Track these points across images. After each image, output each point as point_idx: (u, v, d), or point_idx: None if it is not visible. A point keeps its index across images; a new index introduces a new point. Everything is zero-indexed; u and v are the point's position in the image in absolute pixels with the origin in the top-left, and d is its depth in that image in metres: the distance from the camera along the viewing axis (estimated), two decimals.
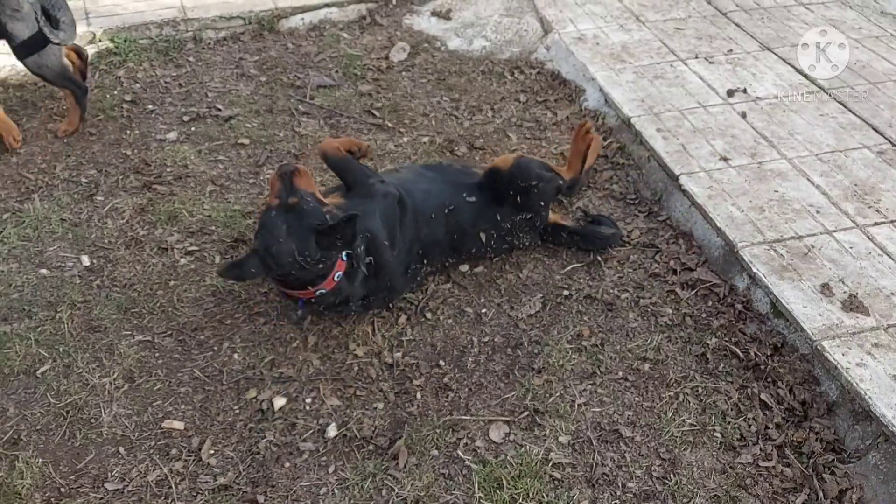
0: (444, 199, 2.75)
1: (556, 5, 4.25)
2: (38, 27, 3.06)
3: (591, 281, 2.83)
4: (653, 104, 3.50)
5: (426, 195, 2.74)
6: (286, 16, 4.16)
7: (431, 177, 2.85)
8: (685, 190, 3.04)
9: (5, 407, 2.39)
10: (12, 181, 3.19)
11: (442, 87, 3.85)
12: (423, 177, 2.84)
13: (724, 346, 2.59)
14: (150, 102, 3.64)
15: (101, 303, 2.71)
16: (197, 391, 2.47)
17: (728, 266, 2.81)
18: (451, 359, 2.58)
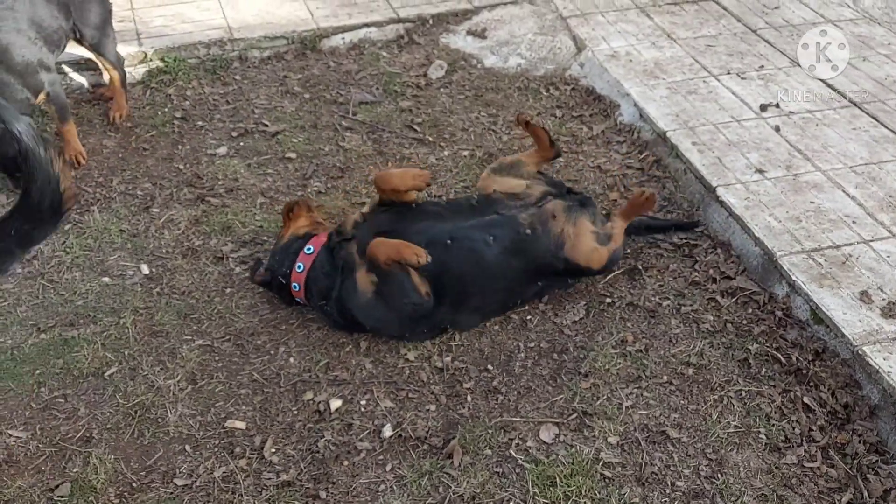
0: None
1: (588, 24, 4.36)
2: None
3: (632, 289, 2.92)
4: (687, 118, 3.59)
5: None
6: (328, 35, 4.30)
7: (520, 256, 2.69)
8: (722, 201, 3.12)
9: (76, 407, 2.50)
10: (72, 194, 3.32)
11: (479, 103, 3.97)
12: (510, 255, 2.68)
13: (765, 351, 2.66)
14: (200, 119, 3.78)
15: (161, 309, 2.83)
16: (256, 393, 2.57)
17: (767, 275, 2.89)
18: (499, 363, 2.66)
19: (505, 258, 2.67)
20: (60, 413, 2.48)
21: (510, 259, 2.68)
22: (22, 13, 3.22)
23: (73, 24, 3.45)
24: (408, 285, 2.56)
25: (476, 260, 2.65)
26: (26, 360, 2.64)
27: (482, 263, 2.65)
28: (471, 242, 2.65)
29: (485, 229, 2.67)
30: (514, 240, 2.68)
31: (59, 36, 3.38)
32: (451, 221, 2.70)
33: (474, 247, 2.65)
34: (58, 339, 2.71)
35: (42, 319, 2.77)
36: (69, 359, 2.64)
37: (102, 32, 3.57)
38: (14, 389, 2.55)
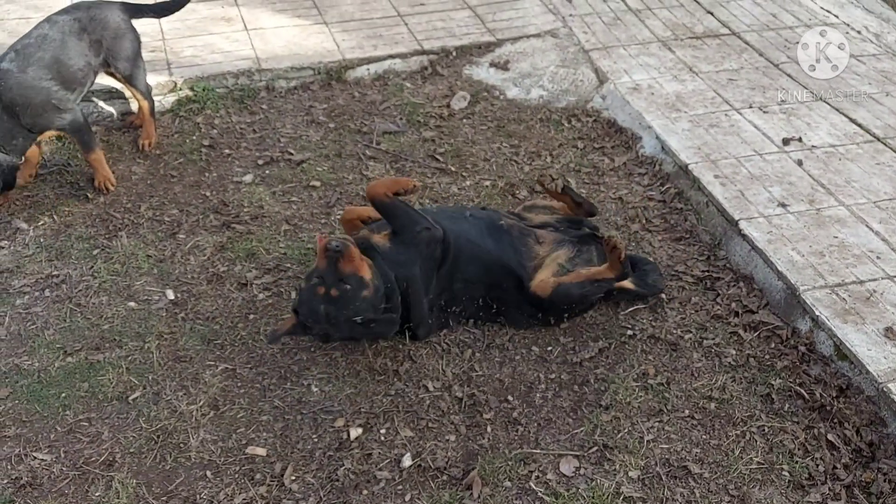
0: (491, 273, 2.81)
1: (610, 57, 4.41)
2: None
3: (654, 321, 2.91)
4: (709, 151, 3.60)
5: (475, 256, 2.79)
6: (353, 67, 4.37)
7: (493, 240, 2.84)
8: (745, 234, 3.12)
9: (100, 431, 2.53)
10: (101, 220, 3.39)
11: (501, 134, 4.01)
12: (485, 235, 2.84)
13: (788, 386, 2.64)
14: (227, 147, 3.85)
15: (186, 334, 2.87)
16: (277, 420, 2.58)
17: (790, 309, 2.87)
18: (520, 394, 2.66)
19: (479, 234, 2.82)
20: (84, 436, 2.51)
21: (484, 238, 2.82)
22: (48, 51, 3.30)
23: (103, 58, 3.54)
24: (414, 214, 2.73)
25: (458, 225, 2.81)
26: (52, 383, 2.68)
27: (463, 231, 2.81)
28: (455, 212, 2.93)
29: (468, 210, 2.95)
30: (489, 223, 2.86)
31: (84, 73, 3.44)
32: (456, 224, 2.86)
33: (456, 215, 2.89)
34: (84, 362, 2.74)
35: (69, 343, 2.82)
36: (94, 382, 2.68)
37: (134, 64, 3.66)
38: (40, 412, 2.58)
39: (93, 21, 3.48)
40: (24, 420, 2.55)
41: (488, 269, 2.81)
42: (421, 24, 4.70)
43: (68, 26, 3.41)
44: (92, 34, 3.47)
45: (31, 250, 3.20)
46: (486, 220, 2.89)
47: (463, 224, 2.86)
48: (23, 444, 2.48)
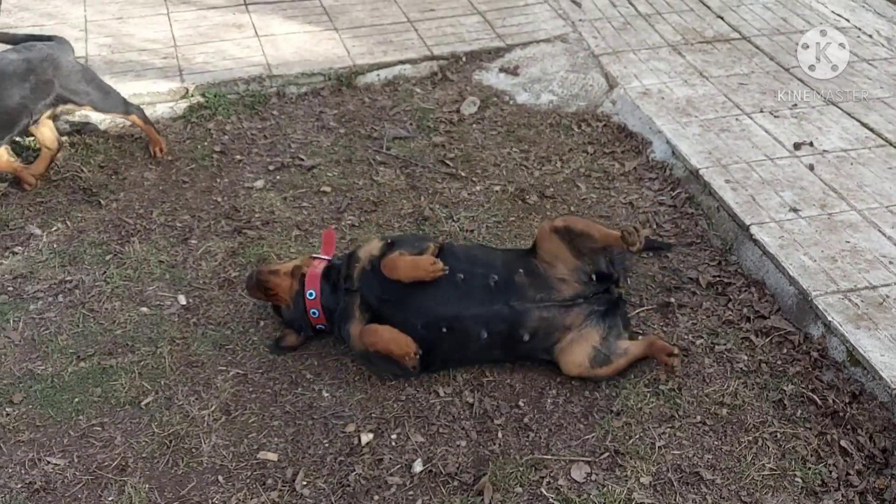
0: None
1: (620, 62, 4.40)
2: None
3: (665, 327, 2.90)
4: (720, 156, 3.59)
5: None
6: (363, 72, 4.39)
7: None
8: (756, 239, 3.11)
9: (113, 435, 2.54)
10: (113, 225, 3.41)
11: (511, 139, 4.01)
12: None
13: (801, 392, 2.63)
14: (238, 153, 3.87)
15: (197, 339, 2.88)
16: (289, 425, 2.59)
17: (802, 314, 2.86)
18: (530, 400, 2.66)
19: (489, 348, 2.65)
20: (97, 441, 2.53)
21: (494, 349, 2.66)
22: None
23: (55, 98, 3.48)
24: (395, 362, 2.61)
25: (463, 343, 2.64)
26: (66, 388, 2.69)
27: (467, 347, 2.65)
28: (465, 333, 2.61)
29: (485, 323, 2.60)
30: (507, 339, 2.63)
31: (14, 114, 3.40)
32: (455, 304, 2.60)
33: (467, 336, 2.62)
34: (97, 367, 2.76)
35: (82, 348, 2.84)
36: (107, 387, 2.69)
37: (97, 92, 3.62)
38: (53, 417, 2.60)
39: (44, 62, 3.44)
40: (37, 425, 2.57)
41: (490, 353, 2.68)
42: (431, 30, 4.71)
43: (14, 66, 3.38)
44: (41, 75, 3.42)
45: (45, 256, 3.23)
46: (503, 336, 2.62)
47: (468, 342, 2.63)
48: (37, 449, 2.49)
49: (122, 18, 4.68)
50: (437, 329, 2.60)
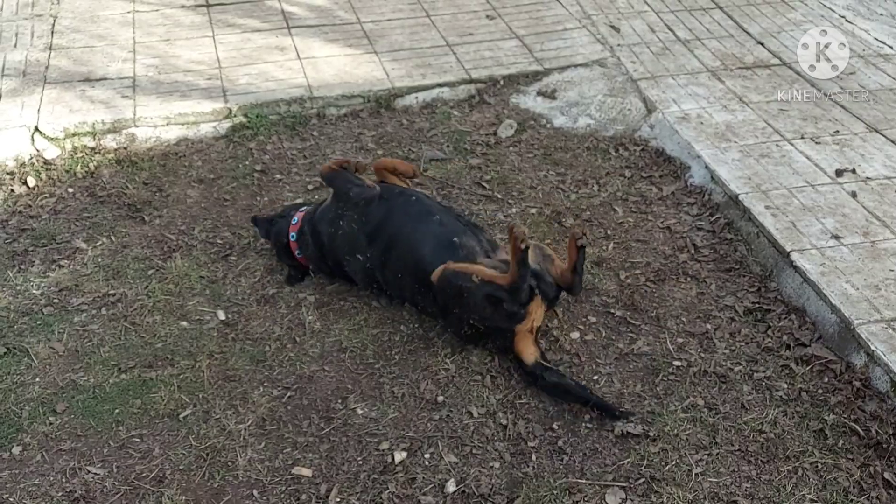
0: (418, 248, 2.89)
1: (658, 86, 4.40)
2: None
3: (702, 353, 2.87)
4: (760, 182, 3.56)
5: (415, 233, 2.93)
6: (402, 95, 4.45)
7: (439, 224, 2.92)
8: (797, 266, 3.07)
9: (151, 447, 2.58)
10: (156, 241, 3.49)
11: (548, 162, 4.02)
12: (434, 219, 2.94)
13: (842, 422, 2.57)
14: (278, 172, 3.94)
15: (235, 354, 2.92)
16: (323, 441, 2.61)
17: (844, 343, 2.81)
18: (565, 423, 2.65)
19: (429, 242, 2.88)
20: (136, 452, 2.57)
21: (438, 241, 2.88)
22: None
23: None
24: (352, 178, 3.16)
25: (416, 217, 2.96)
26: (107, 399, 2.75)
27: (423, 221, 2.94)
28: (423, 206, 3.01)
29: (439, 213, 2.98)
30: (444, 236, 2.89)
31: None
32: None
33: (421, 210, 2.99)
34: (137, 379, 2.81)
35: (123, 360, 2.89)
36: (147, 399, 2.74)
37: None
38: (94, 427, 2.65)
39: None
40: (79, 434, 2.62)
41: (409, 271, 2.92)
42: (469, 54, 4.76)
43: None
44: None
45: (90, 269, 3.31)
46: (444, 232, 2.90)
47: (420, 226, 2.94)
48: (77, 458, 2.54)
49: (169, 40, 4.81)
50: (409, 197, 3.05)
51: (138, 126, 4.11)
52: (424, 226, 2.92)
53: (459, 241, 2.86)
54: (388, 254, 2.95)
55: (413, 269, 2.89)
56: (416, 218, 2.96)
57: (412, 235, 2.92)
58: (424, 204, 3.03)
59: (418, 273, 2.86)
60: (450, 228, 2.92)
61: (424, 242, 2.88)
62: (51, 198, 3.73)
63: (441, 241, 2.87)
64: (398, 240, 2.94)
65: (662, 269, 3.28)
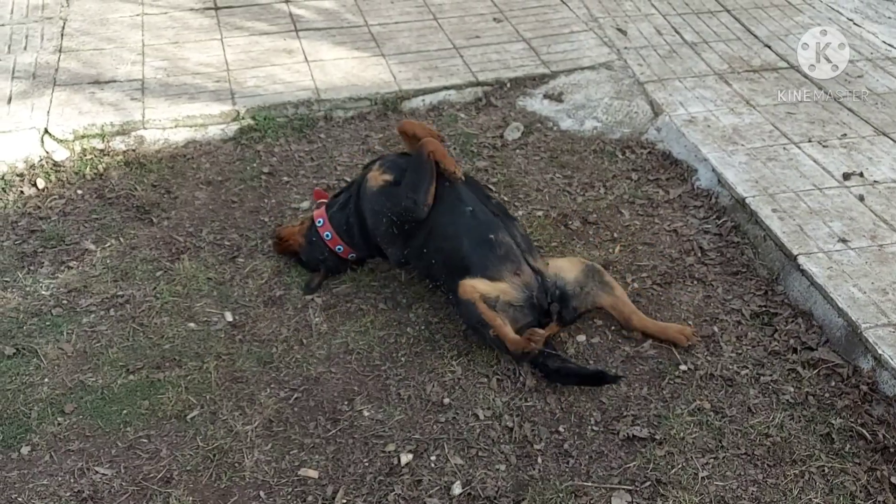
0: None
1: (665, 89, 4.40)
2: None
3: (709, 356, 2.87)
4: (767, 185, 3.56)
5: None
6: (409, 97, 4.46)
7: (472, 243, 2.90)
8: (804, 270, 3.06)
9: (159, 448, 2.60)
10: (164, 243, 3.50)
11: (554, 165, 4.03)
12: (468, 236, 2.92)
13: (849, 426, 2.57)
14: (286, 174, 3.95)
15: (243, 356, 2.93)
16: (329, 442, 2.62)
17: (851, 347, 2.80)
18: (571, 425, 2.65)
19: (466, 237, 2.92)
20: (144, 453, 2.58)
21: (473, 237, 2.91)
22: None
23: None
24: (424, 183, 2.96)
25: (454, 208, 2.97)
26: (115, 400, 2.76)
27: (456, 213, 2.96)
28: (457, 199, 2.98)
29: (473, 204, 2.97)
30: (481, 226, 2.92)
31: None
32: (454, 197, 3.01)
33: (459, 202, 2.98)
34: (145, 380, 2.83)
35: (131, 361, 2.91)
36: (154, 400, 2.75)
37: None
38: (102, 428, 2.67)
39: None
40: (87, 435, 2.64)
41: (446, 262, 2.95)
42: (476, 57, 4.77)
43: None
44: None
45: (98, 271, 3.33)
46: (479, 225, 2.94)
47: (455, 218, 2.97)
48: (85, 459, 2.56)
49: (177, 43, 4.84)
50: (442, 182, 3.01)
51: (147, 128, 4.14)
52: (460, 217, 2.95)
53: (496, 238, 2.89)
54: (425, 245, 2.99)
55: (449, 261, 2.94)
56: (451, 209, 2.97)
57: (449, 229, 2.95)
58: (458, 192, 3.00)
59: (453, 265, 2.91)
60: (483, 221, 2.93)
61: (462, 237, 2.92)
62: (60, 199, 3.76)
63: (478, 237, 2.90)
64: (435, 232, 2.97)
65: (669, 273, 3.28)
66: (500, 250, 2.87)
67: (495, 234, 2.90)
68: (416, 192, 2.95)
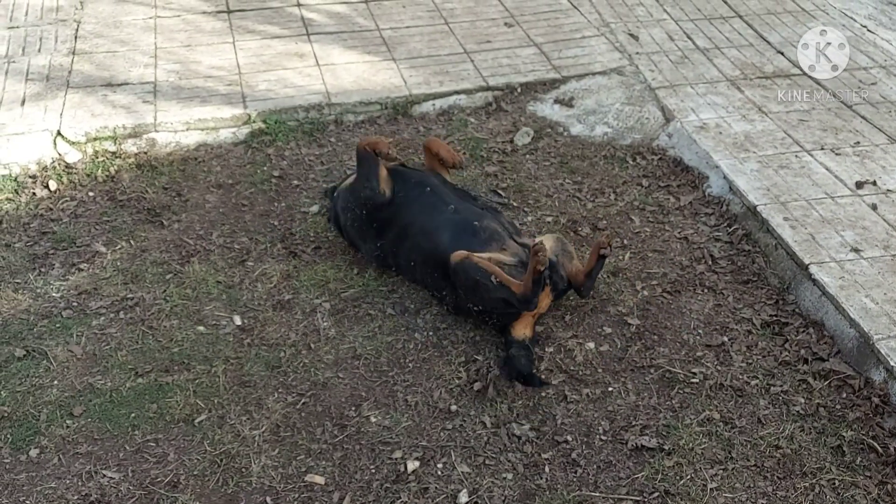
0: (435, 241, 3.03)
1: (677, 95, 4.38)
2: None
3: (719, 366, 2.85)
4: (779, 193, 3.54)
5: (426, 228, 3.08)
6: (419, 102, 4.46)
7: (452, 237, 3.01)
8: (815, 279, 3.04)
9: (167, 452, 2.60)
10: (174, 245, 3.51)
11: (565, 170, 4.01)
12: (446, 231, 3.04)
13: (860, 439, 2.55)
14: (296, 178, 3.96)
15: (251, 360, 2.94)
16: (336, 448, 2.62)
17: (863, 358, 2.78)
18: (579, 435, 2.64)
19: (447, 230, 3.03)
20: (151, 457, 2.59)
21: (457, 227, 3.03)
22: None
23: None
24: (372, 171, 3.22)
25: (430, 207, 3.11)
26: (123, 403, 2.77)
27: (437, 211, 3.09)
28: (439, 197, 3.13)
29: (454, 202, 3.12)
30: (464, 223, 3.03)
31: None
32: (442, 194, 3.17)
33: (435, 200, 3.13)
34: (153, 384, 2.84)
35: (140, 364, 2.92)
36: (163, 404, 2.76)
37: None
38: (111, 431, 2.67)
39: None
40: (95, 438, 2.65)
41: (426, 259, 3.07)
42: (487, 61, 4.76)
43: None
44: None
45: (109, 273, 3.34)
46: (462, 219, 3.05)
47: (435, 216, 3.08)
48: (93, 462, 2.57)
49: (190, 46, 4.85)
50: (423, 187, 3.21)
51: (159, 131, 4.15)
52: (439, 215, 3.08)
53: (480, 224, 3.02)
54: (401, 243, 3.15)
55: (430, 257, 3.05)
56: (430, 208, 3.12)
57: (427, 225, 3.08)
58: (439, 194, 3.17)
59: (435, 260, 3.01)
60: (466, 215, 3.07)
61: (442, 230, 3.04)
62: (72, 201, 3.77)
63: (460, 227, 3.02)
64: (411, 230, 3.12)
65: (679, 280, 3.26)
66: (485, 234, 3.00)
67: (480, 222, 3.03)
68: (368, 180, 3.23)
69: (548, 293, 2.93)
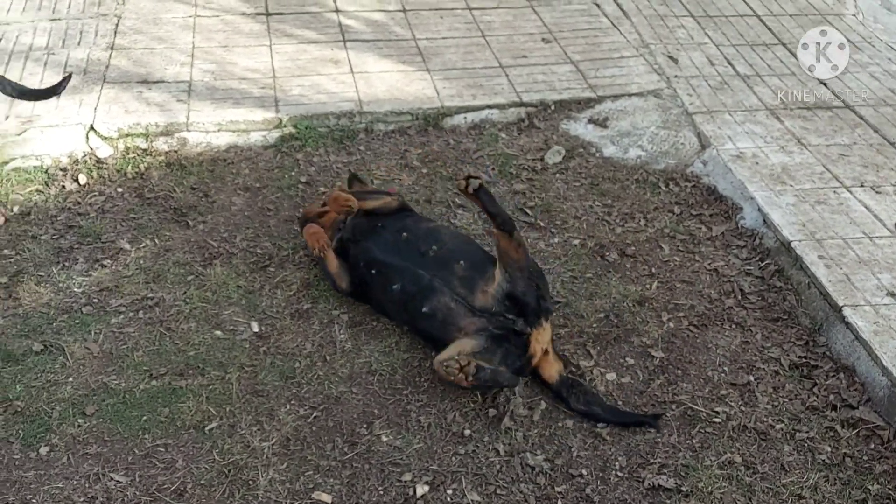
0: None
1: (714, 122, 4.30)
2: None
3: (743, 406, 2.76)
4: (814, 229, 3.44)
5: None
6: (450, 114, 4.42)
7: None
8: (849, 323, 2.94)
9: (175, 458, 2.58)
10: (198, 247, 3.51)
11: (595, 192, 3.95)
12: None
13: (887, 493, 2.45)
14: (323, 185, 3.94)
15: (266, 368, 2.91)
16: (345, 466, 2.57)
17: (893, 408, 2.67)
18: (595, 469, 2.57)
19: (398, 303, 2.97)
20: (160, 462, 2.57)
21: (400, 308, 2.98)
22: None
23: None
24: (326, 274, 3.20)
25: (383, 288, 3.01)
26: (136, 405, 2.76)
27: (385, 293, 3.01)
28: (385, 279, 3.00)
29: (401, 278, 2.94)
30: (411, 302, 2.91)
31: None
32: (390, 254, 3.03)
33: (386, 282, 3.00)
34: (167, 387, 2.82)
35: (155, 366, 2.90)
36: (174, 409, 2.74)
37: None
38: (121, 433, 2.66)
39: None
40: (105, 439, 2.64)
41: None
42: (522, 77, 4.71)
43: None
44: None
45: (131, 271, 3.34)
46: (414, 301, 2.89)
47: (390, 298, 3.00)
48: (102, 464, 2.55)
49: (227, 47, 4.87)
50: (369, 270, 3.06)
51: (190, 130, 4.16)
52: (391, 298, 2.99)
53: (430, 309, 2.83)
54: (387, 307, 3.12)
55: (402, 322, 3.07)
56: (381, 287, 3.02)
57: (385, 307, 3.10)
58: (385, 274, 3.00)
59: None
60: (413, 294, 2.89)
61: (400, 314, 3.04)
62: (100, 196, 3.79)
63: (412, 315, 2.91)
64: (373, 302, 3.17)
65: (707, 314, 3.18)
66: (439, 315, 2.82)
67: (429, 305, 2.83)
68: (327, 276, 3.22)
69: (541, 328, 2.76)
